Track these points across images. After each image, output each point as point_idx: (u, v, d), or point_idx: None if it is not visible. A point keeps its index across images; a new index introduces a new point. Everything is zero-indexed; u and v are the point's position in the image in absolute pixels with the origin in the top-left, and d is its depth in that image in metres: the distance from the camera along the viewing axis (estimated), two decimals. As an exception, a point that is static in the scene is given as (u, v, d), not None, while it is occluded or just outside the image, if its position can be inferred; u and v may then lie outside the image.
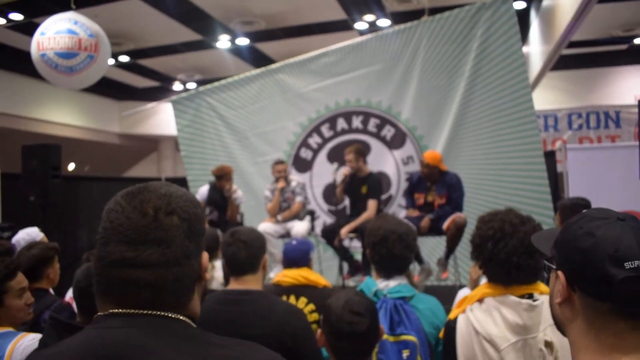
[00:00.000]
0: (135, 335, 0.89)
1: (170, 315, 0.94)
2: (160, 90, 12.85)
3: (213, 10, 8.48)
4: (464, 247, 5.10)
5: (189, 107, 6.76)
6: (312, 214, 6.06)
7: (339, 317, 1.83)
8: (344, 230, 5.09)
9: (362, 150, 5.37)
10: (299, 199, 5.73)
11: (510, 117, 5.54)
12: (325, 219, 6.33)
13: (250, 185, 6.51)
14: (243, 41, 9.95)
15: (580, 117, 10.18)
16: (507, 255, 1.83)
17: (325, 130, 6.49)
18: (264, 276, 2.54)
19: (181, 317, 0.95)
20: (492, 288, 1.90)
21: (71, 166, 10.89)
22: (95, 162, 10.37)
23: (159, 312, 0.93)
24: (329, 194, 6.31)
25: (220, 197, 5.65)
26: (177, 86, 12.74)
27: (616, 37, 10.28)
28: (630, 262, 0.96)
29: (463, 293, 3.09)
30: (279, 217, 5.69)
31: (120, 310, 0.93)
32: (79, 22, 5.77)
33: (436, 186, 5.05)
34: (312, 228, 5.87)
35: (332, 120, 6.45)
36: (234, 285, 2.47)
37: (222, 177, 5.64)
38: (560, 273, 1.05)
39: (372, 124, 6.31)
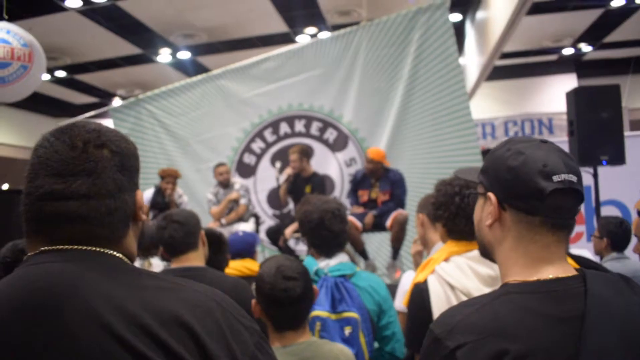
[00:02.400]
0: (69, 268, 0.88)
1: (104, 250, 0.93)
2: (99, 107, 12.54)
3: (153, 24, 8.44)
4: (408, 246, 5.22)
5: (129, 116, 6.67)
6: (256, 217, 6.07)
7: (272, 284, 1.81)
8: (288, 230, 5.12)
9: (306, 151, 5.46)
10: (242, 201, 5.75)
11: (449, 116, 5.75)
12: (270, 223, 6.33)
13: (194, 192, 6.46)
14: (184, 55, 9.94)
15: (516, 124, 10.63)
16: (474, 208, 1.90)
17: (269, 135, 6.53)
18: (205, 253, 2.53)
19: (115, 253, 0.94)
20: (457, 245, 1.94)
21: (5, 186, 10.48)
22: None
23: (92, 248, 0.92)
24: (274, 198, 6.33)
25: (163, 201, 5.60)
26: (116, 102, 12.53)
27: (546, 47, 10.85)
28: (557, 176, 1.05)
29: (408, 275, 3.15)
30: (223, 221, 5.67)
31: (52, 247, 0.91)
32: (11, 31, 5.57)
33: (380, 183, 5.18)
34: (257, 231, 5.87)
35: (275, 125, 6.50)
36: (176, 264, 2.46)
37: (165, 177, 5.61)
38: (491, 194, 1.13)
39: (315, 127, 6.41)
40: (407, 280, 3.03)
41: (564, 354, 0.97)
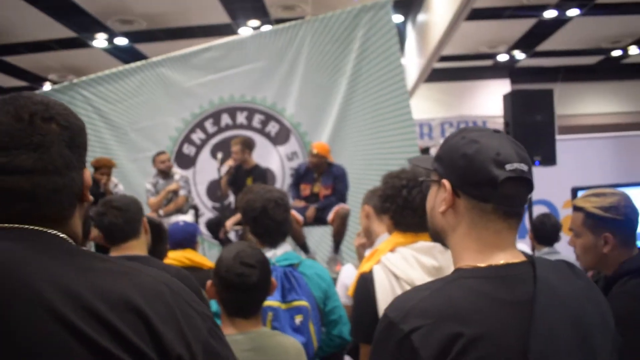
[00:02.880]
0: (10, 247, 0.82)
1: (48, 230, 0.88)
2: (28, 91, 12.05)
3: (89, 6, 8.11)
4: (348, 241, 5.29)
5: (62, 101, 6.33)
6: (196, 209, 5.98)
7: (229, 268, 1.80)
8: (229, 222, 5.08)
9: (249, 143, 5.43)
10: (182, 192, 5.65)
11: (390, 114, 5.86)
12: (209, 215, 6.24)
13: (130, 182, 6.27)
14: (121, 41, 9.64)
15: (452, 125, 10.94)
16: (421, 200, 1.88)
17: (209, 126, 6.43)
18: (148, 241, 2.46)
19: (61, 234, 0.89)
20: (404, 237, 1.98)
21: None
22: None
23: (36, 227, 0.87)
24: (214, 190, 6.24)
25: (99, 192, 5.40)
26: (47, 87, 12.01)
27: (482, 53, 11.24)
28: (510, 164, 1.08)
29: (347, 269, 3.18)
30: (161, 212, 5.55)
31: None
32: None
33: (322, 177, 5.22)
34: (196, 223, 5.77)
35: (216, 116, 6.40)
36: (115, 253, 2.36)
37: (99, 168, 5.42)
38: (445, 181, 1.14)
39: (257, 120, 6.36)
40: (347, 273, 3.07)
41: (515, 336, 1.00)
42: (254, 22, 9.15)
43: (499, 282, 1.07)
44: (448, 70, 11.92)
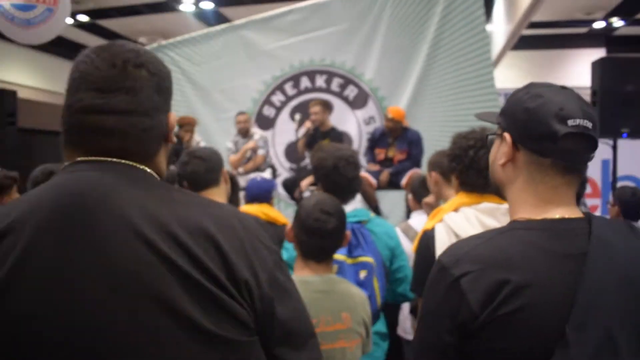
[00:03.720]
0: (104, 177, 0.93)
1: (137, 165, 0.98)
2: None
3: (178, -29, 8.41)
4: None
5: (151, 62, 6.70)
6: (273, 168, 6.16)
7: (308, 213, 1.93)
8: (304, 182, 5.20)
9: (328, 104, 5.51)
10: (261, 152, 5.84)
11: (471, 81, 5.70)
12: (286, 176, 6.40)
13: (214, 141, 6.51)
14: (207, 5, 9.88)
15: (540, 96, 10.50)
16: (488, 161, 1.93)
17: (289, 89, 6.53)
18: (228, 191, 2.62)
19: (147, 169, 1.00)
20: (468, 197, 2.01)
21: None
22: (52, 125, 10.18)
23: (126, 161, 0.97)
24: (291, 151, 6.38)
25: (181, 148, 5.68)
26: (138, 50, 12.56)
27: (577, 19, 10.63)
28: (572, 120, 1.08)
29: (416, 217, 3.20)
30: (241, 170, 5.77)
31: (89, 158, 0.96)
32: None
33: (397, 142, 5.23)
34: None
35: (295, 79, 6.49)
36: (200, 200, 2.54)
37: (182, 126, 5.69)
38: (506, 134, 1.16)
39: (336, 83, 6.40)
40: (415, 221, 3.10)
41: (563, 287, 1.02)
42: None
43: (552, 234, 1.09)
44: (538, 37, 11.38)
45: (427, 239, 2.01)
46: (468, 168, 2.02)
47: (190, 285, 0.87)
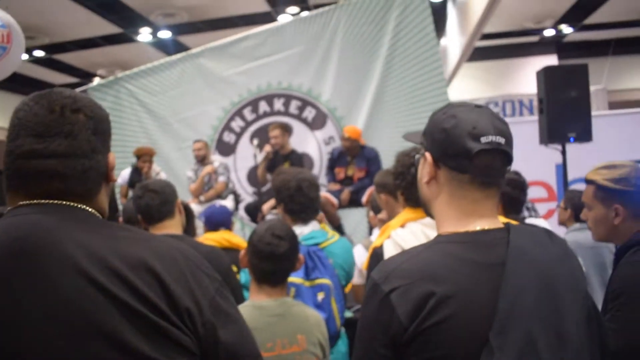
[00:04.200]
0: (45, 219, 0.97)
1: (78, 205, 1.02)
2: (79, 87, 12.55)
3: (133, 2, 8.43)
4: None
5: (108, 95, 6.69)
6: (236, 194, 6.18)
7: (260, 238, 1.99)
8: (266, 206, 5.25)
9: (287, 127, 5.58)
10: (222, 178, 5.86)
11: (425, 95, 5.87)
12: (249, 201, 6.43)
13: (174, 171, 6.52)
14: (165, 34, 9.94)
15: (497, 105, 10.74)
16: None
17: (248, 114, 6.60)
18: (183, 221, 2.64)
19: (88, 208, 1.04)
20: (414, 212, 2.08)
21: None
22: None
23: (67, 202, 1.01)
24: (253, 176, 6.41)
25: (141, 180, 5.66)
26: (96, 82, 12.47)
27: (527, 28, 10.97)
28: (485, 137, 1.15)
29: (357, 250, 3.25)
30: (202, 198, 5.78)
31: (30, 201, 1.00)
32: None
33: (356, 160, 5.32)
34: (236, 208, 5.98)
35: (254, 104, 6.57)
36: (154, 232, 2.56)
37: (140, 157, 5.70)
38: (427, 154, 1.23)
39: (294, 106, 6.49)
40: (357, 253, 3.15)
41: (485, 295, 1.08)
42: (293, 9, 9.25)
43: (473, 246, 1.15)
44: (492, 48, 11.70)
45: (376, 256, 2.06)
46: (411, 184, 2.08)
47: (133, 317, 0.91)
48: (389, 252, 2.01)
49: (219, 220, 3.54)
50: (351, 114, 6.24)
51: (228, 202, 5.75)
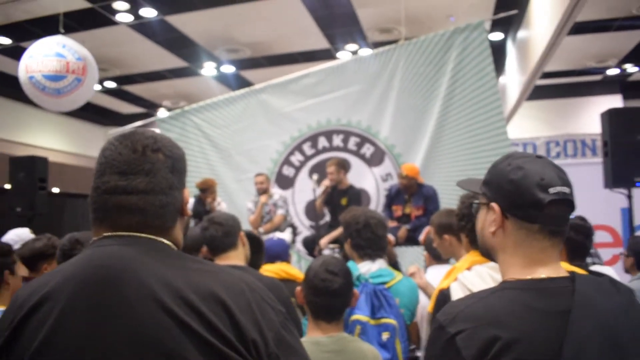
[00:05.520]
0: (127, 250, 1.08)
1: (156, 238, 1.12)
2: (145, 117, 13.05)
3: (199, 38, 8.82)
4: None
5: (175, 126, 7.01)
6: (293, 227, 6.30)
7: (315, 274, 2.07)
8: (323, 240, 5.33)
9: (344, 163, 5.68)
10: (280, 211, 6.00)
11: (484, 135, 5.85)
12: (306, 234, 6.54)
13: (234, 201, 6.73)
14: (228, 69, 10.30)
15: (558, 145, 10.55)
16: None
17: (307, 149, 6.78)
18: (246, 253, 2.76)
19: (165, 241, 1.14)
20: (480, 255, 2.07)
21: (56, 190, 11.02)
22: (80, 187, 10.56)
23: (146, 235, 1.12)
24: (311, 210, 6.56)
25: (204, 210, 5.88)
26: (162, 113, 12.95)
27: (590, 67, 10.79)
28: (553, 188, 1.21)
29: (432, 272, 3.27)
30: (261, 229, 5.92)
31: (113, 233, 1.10)
32: (67, 45, 5.83)
33: (413, 198, 5.35)
34: (293, 241, 6.10)
35: (313, 139, 6.75)
36: (218, 262, 2.69)
37: (206, 190, 5.92)
38: (494, 205, 1.29)
39: (352, 142, 6.62)
40: (431, 276, 3.17)
41: (549, 342, 1.11)
42: (352, 46, 9.45)
43: (538, 293, 1.19)
44: (553, 86, 11.55)
45: (443, 298, 2.09)
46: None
47: (203, 346, 0.99)
48: (456, 294, 2.04)
49: (276, 252, 3.63)
50: (409, 151, 6.30)
51: (286, 235, 5.87)
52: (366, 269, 2.61)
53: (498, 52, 9.34)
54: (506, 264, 1.30)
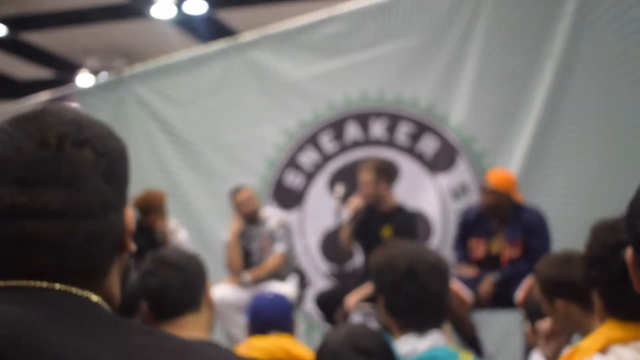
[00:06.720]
0: (28, 316, 1.00)
1: (77, 292, 1.06)
2: (57, 85, 13.09)
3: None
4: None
5: (106, 102, 6.98)
6: (301, 274, 6.24)
7: (335, 354, 2.07)
8: (353, 298, 5.28)
9: (387, 169, 5.61)
10: (280, 247, 5.94)
11: (630, 121, 5.72)
12: (322, 286, 6.48)
13: (202, 228, 6.71)
14: (195, 6, 10.33)
15: None
16: None
17: (327, 142, 6.75)
18: (211, 322, 2.73)
19: (92, 296, 1.07)
20: (622, 328, 2.05)
21: None
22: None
23: (63, 287, 1.05)
24: (331, 244, 6.50)
25: (149, 243, 5.77)
26: (84, 79, 12.99)
27: None
28: None
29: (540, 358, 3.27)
30: (247, 277, 5.87)
31: (7, 282, 1.05)
32: None
33: (507, 228, 5.28)
34: (301, 298, 6.06)
35: (337, 126, 6.71)
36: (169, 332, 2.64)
37: (148, 210, 5.86)
38: None
39: (403, 132, 6.59)
40: None
41: None
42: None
43: None
44: None
45: None
46: (617, 281, 2.09)
47: None
48: None
49: (271, 318, 3.62)
50: (499, 148, 6.25)
51: (288, 287, 5.81)
52: (409, 347, 2.57)
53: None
54: None
